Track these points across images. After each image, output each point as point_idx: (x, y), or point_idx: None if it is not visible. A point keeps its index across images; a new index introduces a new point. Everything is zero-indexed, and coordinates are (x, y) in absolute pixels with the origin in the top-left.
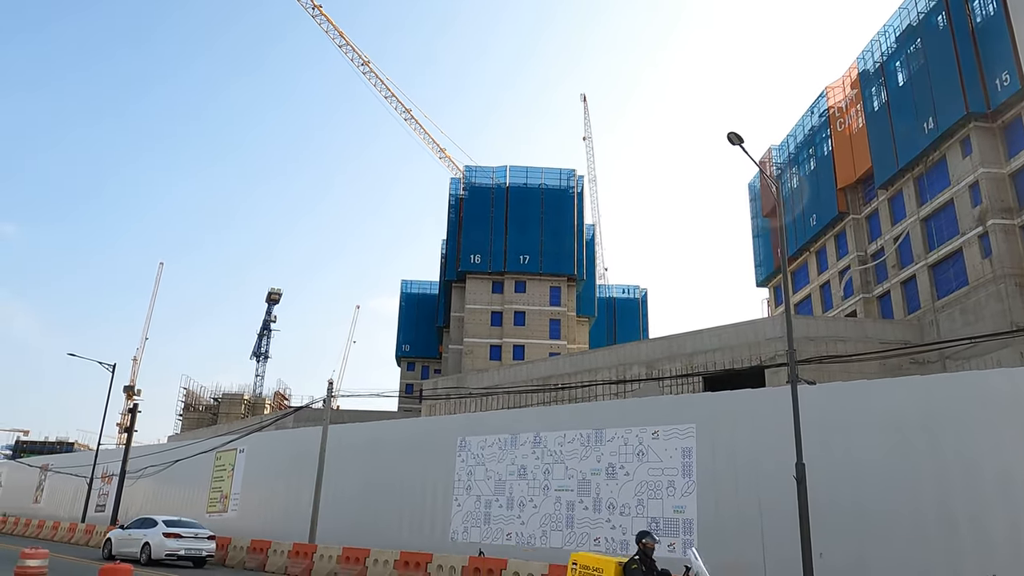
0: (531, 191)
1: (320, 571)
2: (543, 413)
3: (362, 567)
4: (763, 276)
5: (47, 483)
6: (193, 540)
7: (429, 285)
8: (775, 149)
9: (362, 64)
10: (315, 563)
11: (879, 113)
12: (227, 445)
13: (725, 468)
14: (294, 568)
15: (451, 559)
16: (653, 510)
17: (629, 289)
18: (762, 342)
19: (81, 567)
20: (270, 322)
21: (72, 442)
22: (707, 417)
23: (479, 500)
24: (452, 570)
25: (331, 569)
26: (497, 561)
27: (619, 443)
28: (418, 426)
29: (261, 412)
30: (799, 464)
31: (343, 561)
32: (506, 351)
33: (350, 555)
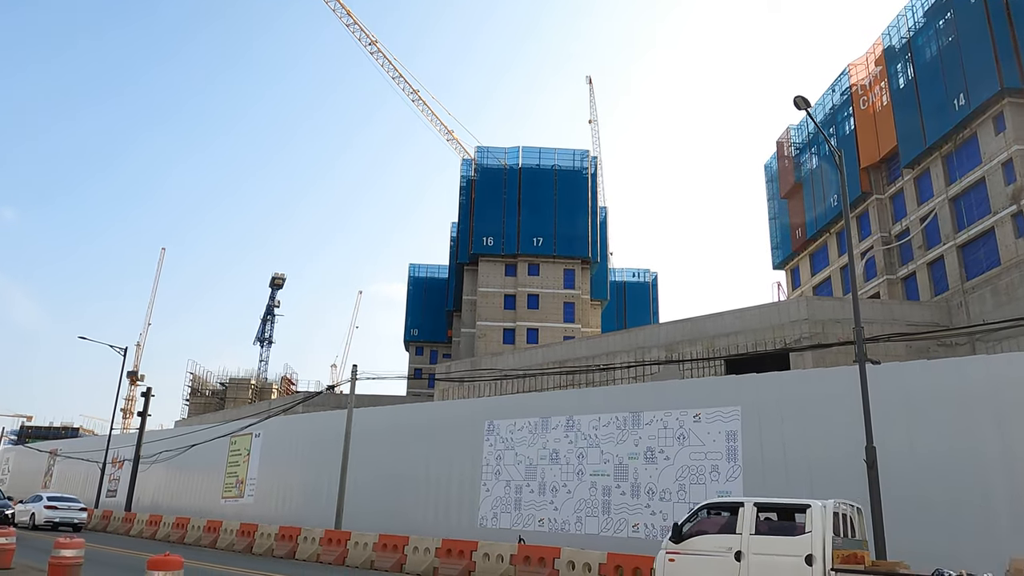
0: (544, 172)
1: (355, 559)
2: (576, 396)
3: (401, 555)
4: (780, 259)
5: (56, 468)
6: (67, 511)
7: (437, 269)
8: (793, 129)
9: (369, 44)
10: (349, 551)
11: (905, 90)
12: (243, 430)
13: (773, 452)
14: (327, 556)
15: (498, 547)
16: (696, 495)
17: (639, 273)
18: (786, 324)
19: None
20: (274, 307)
21: (77, 427)
22: (753, 399)
23: (509, 485)
24: (500, 558)
25: (367, 557)
26: (548, 549)
27: (658, 426)
28: (443, 410)
29: (268, 397)
30: (869, 447)
31: (379, 548)
32: (520, 334)
33: (387, 542)
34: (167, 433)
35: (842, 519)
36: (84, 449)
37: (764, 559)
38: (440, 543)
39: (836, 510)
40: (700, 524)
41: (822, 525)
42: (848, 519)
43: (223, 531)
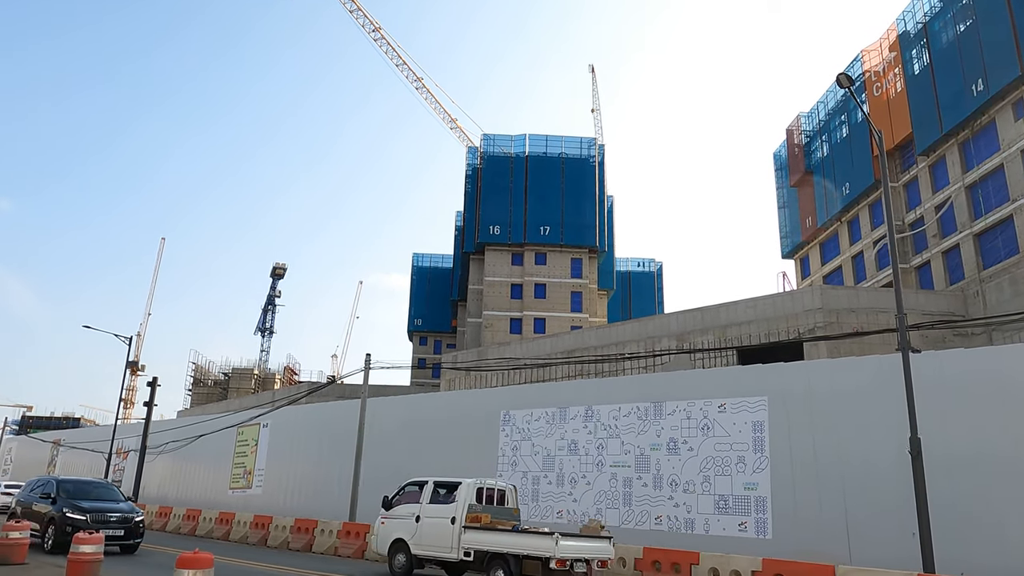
0: (551, 160)
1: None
2: (595, 385)
3: None
4: (789, 248)
5: (59, 458)
6: None
7: (441, 258)
8: (804, 116)
9: (373, 30)
10: (369, 544)
11: (920, 76)
12: (251, 420)
13: (802, 443)
14: (345, 549)
15: None
16: (721, 487)
17: (644, 262)
18: (800, 313)
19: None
20: (275, 297)
21: (78, 417)
22: (780, 389)
23: (526, 476)
24: None
25: None
26: None
27: (681, 416)
28: (457, 399)
29: (271, 387)
30: (914, 439)
31: None
32: (527, 324)
33: None
34: (173, 423)
35: (492, 493)
36: (87, 439)
37: (431, 520)
38: None
39: (482, 486)
40: (401, 497)
41: (465, 497)
42: (501, 493)
43: (236, 523)
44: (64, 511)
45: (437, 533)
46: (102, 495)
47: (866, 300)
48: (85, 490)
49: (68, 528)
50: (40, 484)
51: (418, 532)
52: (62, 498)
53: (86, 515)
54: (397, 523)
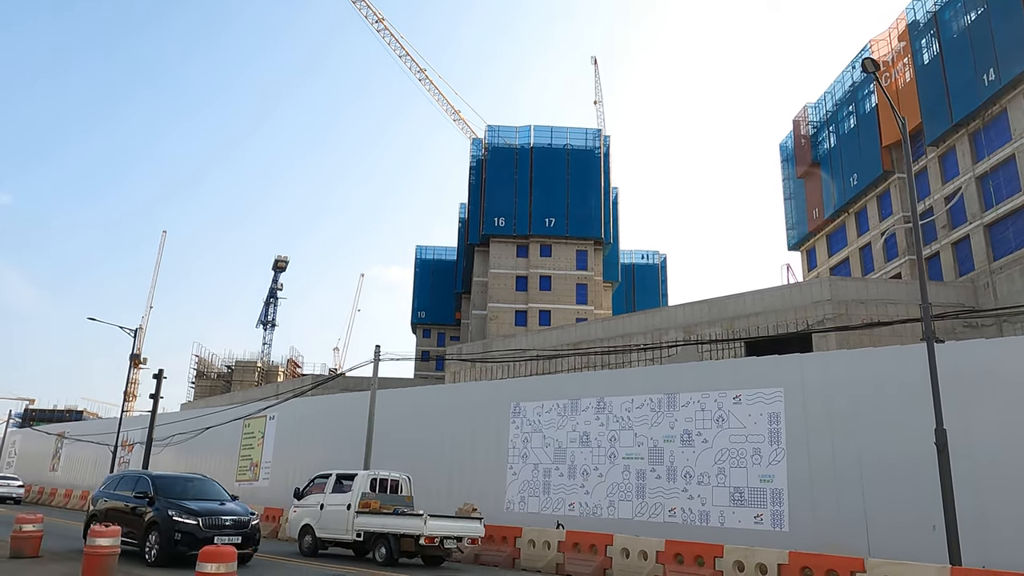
0: (556, 152)
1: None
2: (607, 377)
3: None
4: (795, 239)
5: (64, 451)
6: (7, 488)
7: (445, 251)
8: (811, 107)
9: (376, 21)
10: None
11: (930, 66)
12: (258, 412)
13: (819, 435)
14: None
15: (544, 533)
16: (736, 479)
17: (648, 255)
18: (808, 305)
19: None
20: (277, 290)
21: (81, 410)
22: (797, 380)
23: (537, 468)
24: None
25: None
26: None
27: (695, 408)
28: (467, 391)
29: (275, 379)
30: (939, 430)
31: None
32: (532, 316)
33: None
34: (179, 415)
35: (386, 483)
36: (91, 432)
37: (332, 507)
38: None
39: (376, 477)
40: (311, 488)
41: (359, 487)
42: (395, 482)
43: None
44: (170, 513)
45: (336, 518)
46: (206, 492)
47: (875, 291)
48: (184, 487)
49: (177, 535)
50: (129, 480)
51: (322, 518)
52: (162, 497)
53: (197, 519)
54: (305, 511)
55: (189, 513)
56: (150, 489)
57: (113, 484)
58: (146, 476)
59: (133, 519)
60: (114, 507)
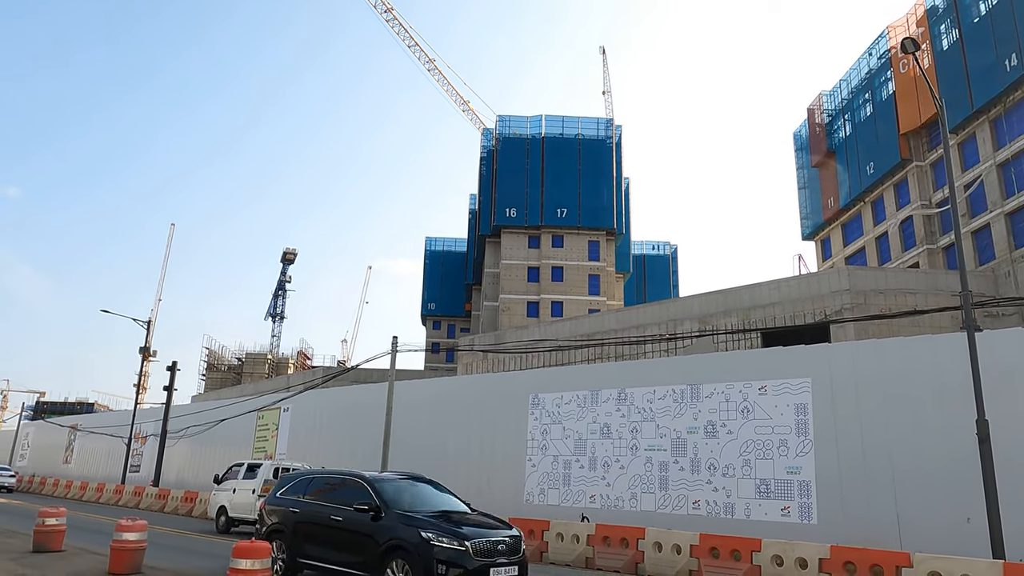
0: (567, 141)
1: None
2: (628, 368)
3: None
4: (810, 229)
5: (77, 443)
6: None
7: (454, 242)
8: (826, 95)
9: (385, 11)
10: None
11: (949, 52)
12: (273, 404)
13: (848, 426)
14: None
15: (572, 526)
16: (762, 471)
17: (659, 245)
18: (826, 295)
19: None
20: (285, 282)
21: (92, 403)
22: (825, 370)
23: (556, 460)
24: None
25: None
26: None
27: (719, 399)
28: (484, 382)
29: (285, 372)
30: (981, 421)
31: None
32: (544, 307)
33: None
34: (192, 408)
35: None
36: (104, 424)
37: (242, 491)
38: None
39: (279, 466)
40: (228, 475)
41: (263, 474)
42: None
43: None
44: (425, 536)
45: (244, 501)
46: (437, 501)
47: (894, 281)
48: (413, 495)
49: (441, 568)
50: (332, 484)
51: (233, 500)
52: (394, 510)
53: (464, 543)
54: (222, 494)
55: (452, 535)
56: (373, 497)
57: (300, 488)
58: (361, 479)
59: (353, 541)
60: (312, 521)
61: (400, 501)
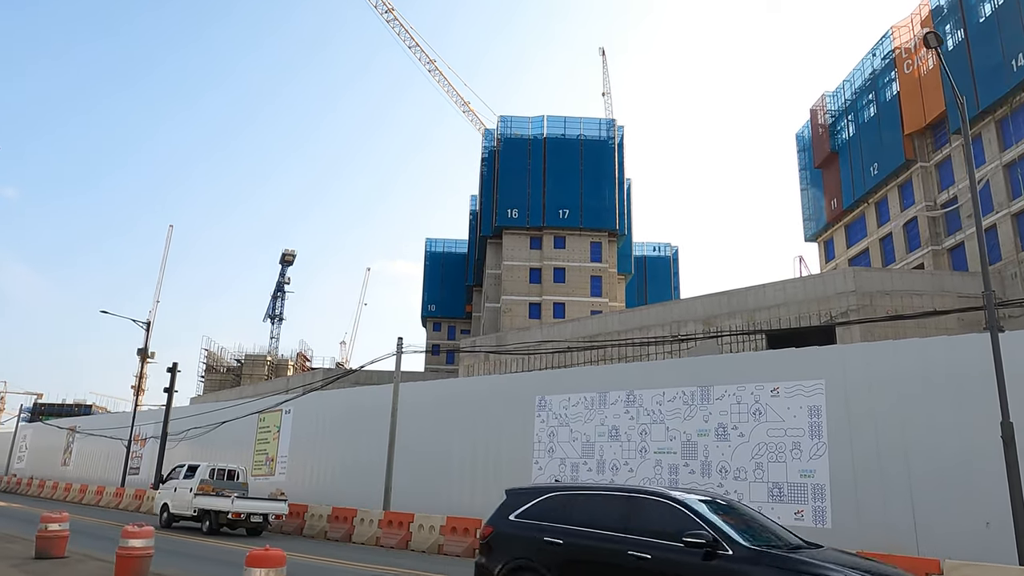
0: (569, 142)
1: (420, 543)
2: (637, 369)
3: (473, 539)
4: (813, 231)
5: (75, 445)
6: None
7: (455, 244)
8: (829, 96)
9: (387, 11)
10: (413, 534)
11: (955, 52)
12: (275, 406)
13: (864, 429)
14: (388, 539)
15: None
16: (775, 474)
17: (660, 247)
18: (832, 296)
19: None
20: (284, 284)
21: (90, 404)
22: (838, 372)
23: (564, 463)
24: None
25: (434, 540)
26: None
27: (730, 401)
28: (491, 384)
29: (285, 373)
30: (1006, 423)
31: (449, 532)
32: (546, 309)
33: (457, 526)
34: (193, 409)
35: (223, 472)
36: (103, 426)
37: (182, 490)
38: None
39: (215, 467)
40: (171, 475)
41: (199, 474)
42: (232, 471)
43: None
44: None
45: (183, 499)
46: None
47: (900, 283)
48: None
49: None
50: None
51: (174, 498)
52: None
53: None
54: (165, 492)
55: None
56: (703, 526)
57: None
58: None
59: None
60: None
61: (743, 530)
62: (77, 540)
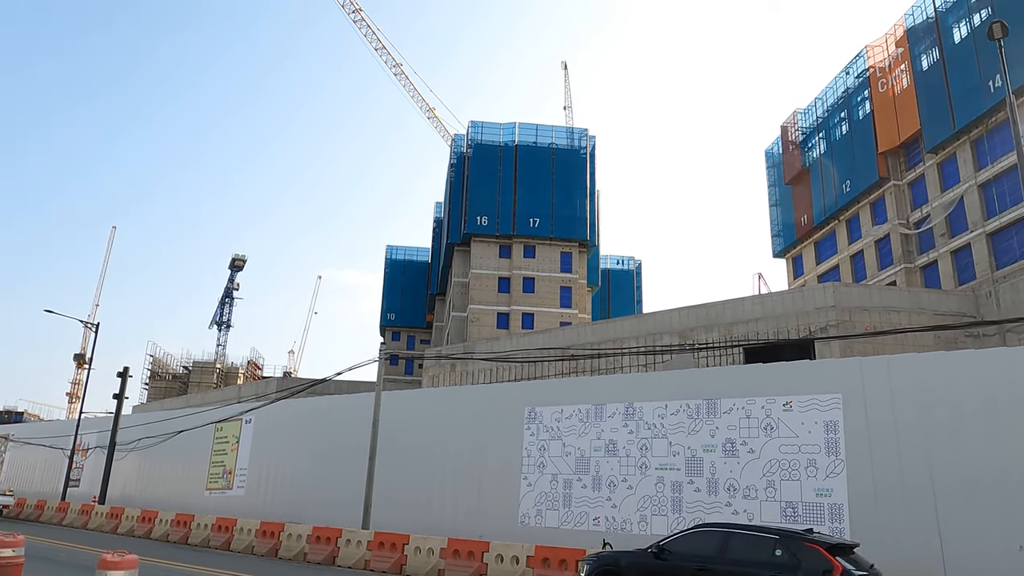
0: (541, 150)
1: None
2: (636, 380)
3: (479, 563)
4: (781, 247)
5: (8, 455)
6: None
7: (416, 251)
8: (800, 113)
9: (354, 11)
10: (408, 557)
11: (930, 72)
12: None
13: (885, 445)
14: (379, 563)
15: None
16: (788, 493)
17: (624, 260)
18: (811, 311)
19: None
20: (233, 289)
21: (21, 411)
22: (857, 385)
23: (556, 479)
24: None
25: (433, 565)
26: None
27: (739, 415)
28: (475, 394)
29: (234, 381)
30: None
31: (451, 556)
32: (514, 319)
33: (460, 548)
34: (141, 419)
35: None
36: (39, 435)
37: None
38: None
39: None
40: None
41: None
42: None
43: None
44: None
45: None
46: None
47: (879, 299)
48: None
49: None
50: None
51: None
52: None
53: None
54: None
55: None
56: None
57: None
58: None
59: None
60: None
61: None
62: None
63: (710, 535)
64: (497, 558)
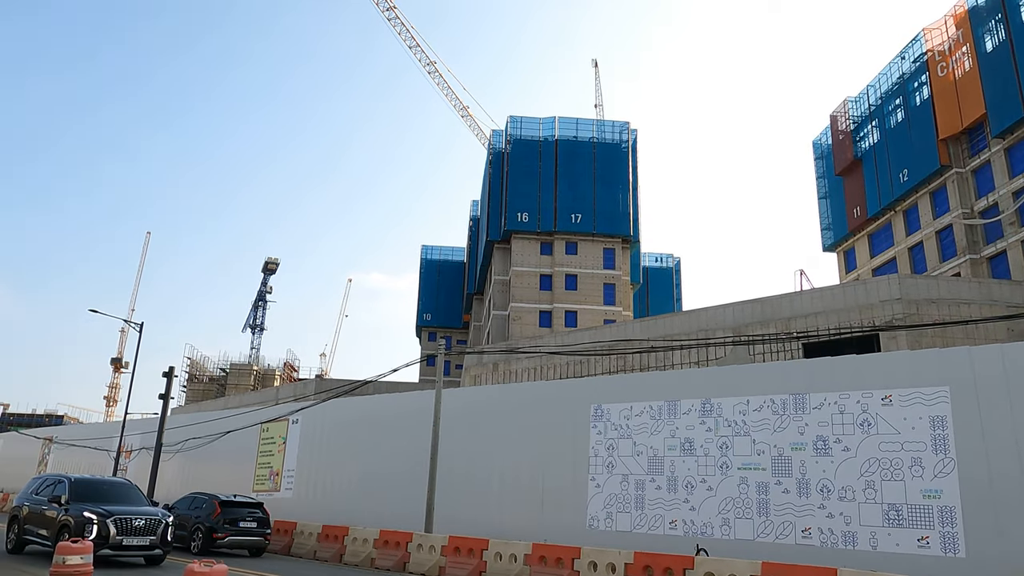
0: (582, 145)
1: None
2: (713, 375)
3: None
4: (832, 240)
5: (52, 457)
6: None
7: (452, 251)
8: (851, 101)
9: (388, 9)
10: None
11: (995, 54)
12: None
13: (1002, 442)
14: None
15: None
16: (891, 494)
17: (662, 258)
18: (875, 304)
19: None
20: (266, 293)
21: (62, 415)
22: (967, 377)
23: (626, 480)
24: None
25: (517, 572)
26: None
27: (831, 411)
28: (536, 391)
29: (271, 383)
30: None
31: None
32: (556, 317)
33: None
34: (186, 419)
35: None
36: (82, 436)
37: None
38: (632, 557)
39: None
40: None
41: None
42: None
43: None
44: None
45: None
46: None
47: (947, 290)
48: None
49: None
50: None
51: None
52: None
53: None
54: None
55: None
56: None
57: None
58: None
59: None
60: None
61: None
62: None
63: None
64: (591, 565)
